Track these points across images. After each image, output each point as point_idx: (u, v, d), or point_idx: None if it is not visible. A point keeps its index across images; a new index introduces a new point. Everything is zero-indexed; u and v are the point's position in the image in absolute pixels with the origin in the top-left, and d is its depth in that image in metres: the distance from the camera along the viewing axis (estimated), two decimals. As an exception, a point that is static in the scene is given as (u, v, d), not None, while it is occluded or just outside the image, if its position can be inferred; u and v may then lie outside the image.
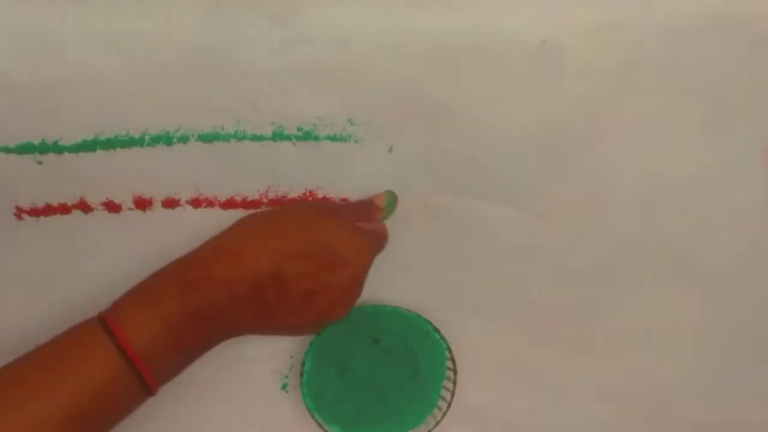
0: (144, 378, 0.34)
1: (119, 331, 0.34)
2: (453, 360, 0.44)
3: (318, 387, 0.43)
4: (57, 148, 0.43)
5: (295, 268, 0.37)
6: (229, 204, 0.45)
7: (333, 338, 0.43)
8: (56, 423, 0.32)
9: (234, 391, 0.46)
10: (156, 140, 0.44)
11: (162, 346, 0.35)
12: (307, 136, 0.44)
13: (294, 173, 0.45)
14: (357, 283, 0.40)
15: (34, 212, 0.44)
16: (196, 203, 0.45)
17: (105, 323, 0.34)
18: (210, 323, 0.37)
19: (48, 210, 0.44)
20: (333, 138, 0.44)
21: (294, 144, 0.44)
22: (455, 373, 0.44)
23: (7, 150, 0.43)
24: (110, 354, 0.34)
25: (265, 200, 0.45)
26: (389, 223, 0.45)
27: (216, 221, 0.44)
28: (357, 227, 0.40)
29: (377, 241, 0.42)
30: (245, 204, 0.45)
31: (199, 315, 0.36)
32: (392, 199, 0.44)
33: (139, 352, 0.34)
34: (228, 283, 0.36)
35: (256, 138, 0.44)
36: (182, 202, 0.45)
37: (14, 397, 0.32)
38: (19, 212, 0.44)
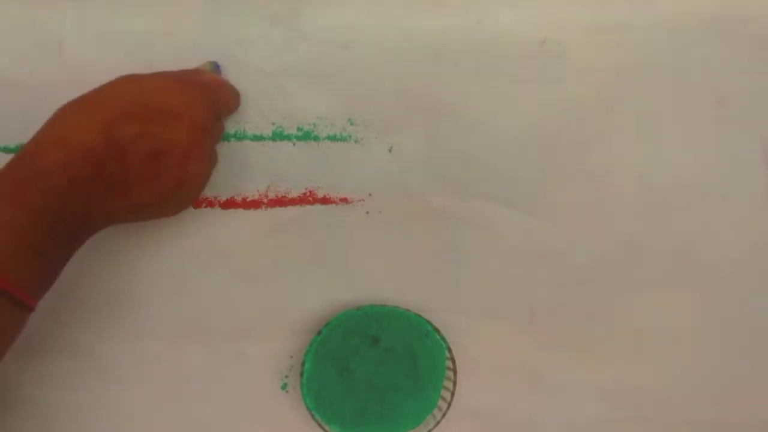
0: (10, 293, 0.32)
1: None
2: (453, 360, 0.44)
3: (318, 387, 0.43)
4: (57, 148, 0.43)
5: (127, 131, 0.34)
6: (229, 204, 0.45)
7: (333, 338, 0.43)
8: None
9: (234, 391, 0.45)
10: (156, 140, 0.44)
11: (15, 252, 0.33)
12: (307, 136, 0.44)
13: (294, 173, 0.45)
14: (199, 134, 0.37)
15: (34, 212, 0.44)
16: (196, 203, 0.45)
17: None
18: (59, 217, 0.34)
19: (48, 210, 0.44)
20: (333, 138, 0.44)
21: (294, 144, 0.44)
22: (455, 373, 0.44)
23: (7, 150, 0.43)
24: None
25: (265, 200, 0.45)
26: (390, 222, 0.45)
27: (216, 221, 0.44)
28: (183, 80, 0.38)
29: (212, 90, 0.40)
30: (245, 204, 0.45)
31: (42, 211, 0.33)
32: (213, 66, 0.43)
33: None
34: (61, 167, 0.34)
35: (256, 138, 0.44)
36: (182, 202, 0.45)
37: None
38: (19, 212, 0.44)
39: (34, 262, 0.34)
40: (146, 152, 0.35)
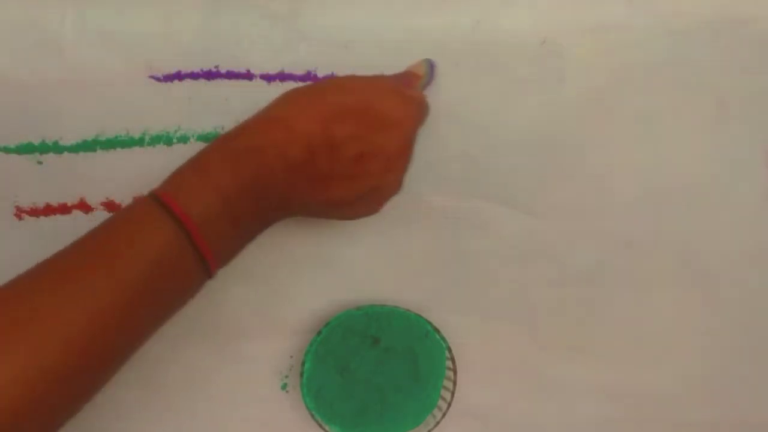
0: (202, 253, 0.34)
1: (175, 204, 0.33)
2: (453, 360, 0.44)
3: (318, 387, 0.43)
4: (57, 148, 0.43)
5: (344, 130, 0.36)
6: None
7: (333, 338, 0.43)
8: (120, 294, 0.32)
9: (234, 391, 0.45)
10: (156, 140, 0.44)
11: (218, 219, 0.34)
12: (307, 136, 0.44)
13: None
14: (407, 146, 0.39)
15: (35, 212, 0.44)
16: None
17: (159, 198, 0.34)
18: (264, 193, 0.36)
19: (48, 210, 0.44)
20: (333, 138, 0.44)
21: (294, 144, 0.44)
22: (455, 373, 0.44)
23: (7, 150, 0.43)
24: (168, 225, 0.33)
25: (265, 200, 0.45)
26: (390, 222, 0.45)
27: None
28: (402, 91, 0.40)
29: (421, 106, 0.41)
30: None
31: (253, 185, 0.35)
32: (429, 67, 0.43)
33: (197, 223, 0.33)
34: (280, 149, 0.35)
35: (256, 138, 0.44)
36: (182, 202, 0.45)
37: (77, 280, 0.32)
38: (19, 212, 0.44)
39: (230, 231, 0.36)
40: (355, 153, 0.36)
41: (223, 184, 0.35)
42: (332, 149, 0.36)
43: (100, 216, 0.44)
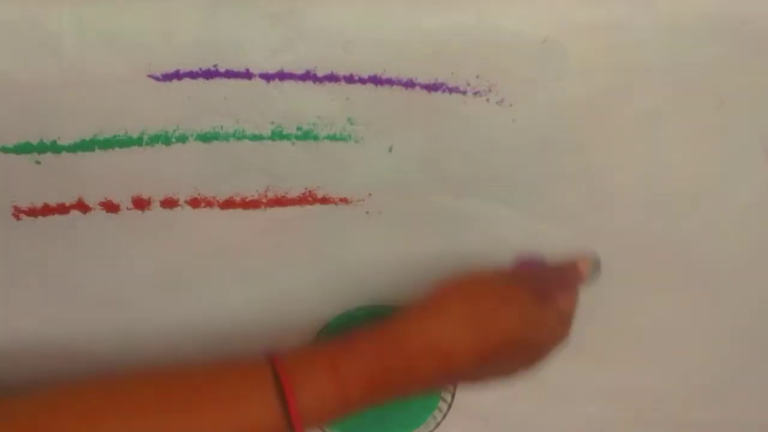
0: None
1: (292, 398, 0.32)
2: (453, 360, 0.44)
3: (318, 387, 0.43)
4: (55, 148, 0.43)
5: (497, 359, 0.36)
6: (228, 204, 0.45)
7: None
8: None
9: (233, 392, 0.45)
10: (154, 140, 0.44)
11: (325, 418, 0.34)
12: (306, 135, 0.44)
13: (293, 173, 0.44)
14: (546, 352, 0.40)
15: (32, 212, 0.44)
16: (194, 203, 0.45)
17: (278, 381, 0.33)
18: (375, 404, 0.35)
19: (46, 210, 0.44)
20: (333, 138, 0.44)
21: (293, 144, 0.44)
22: (455, 373, 0.44)
23: (5, 150, 0.43)
24: (273, 414, 0.32)
25: (264, 200, 0.45)
26: (390, 222, 0.45)
27: (215, 221, 0.44)
28: (564, 317, 0.40)
29: (569, 322, 0.41)
30: (244, 204, 0.45)
31: (381, 398, 0.35)
32: (597, 264, 0.43)
33: (303, 420, 0.32)
34: (428, 381, 0.35)
35: (255, 138, 0.44)
36: (181, 202, 0.45)
37: (164, 421, 0.31)
38: (17, 212, 0.44)
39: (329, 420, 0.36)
40: (500, 369, 0.38)
41: (352, 396, 0.34)
42: (479, 369, 0.36)
43: (98, 216, 0.44)
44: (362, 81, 0.43)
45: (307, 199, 0.45)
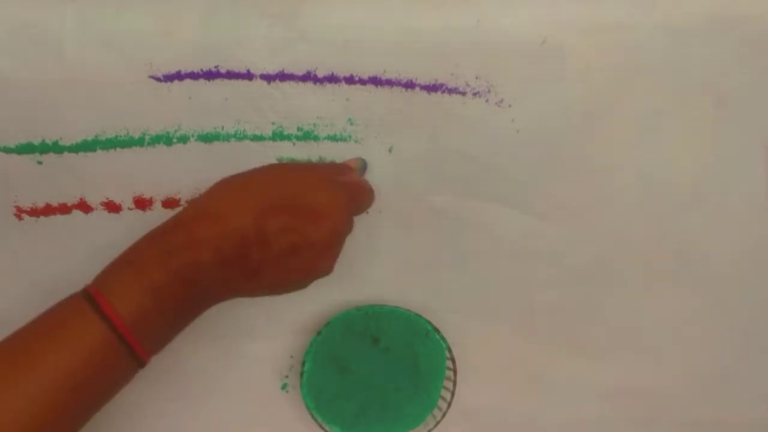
0: (133, 348, 0.34)
1: (105, 302, 0.34)
2: (453, 360, 0.44)
3: (318, 387, 0.43)
4: (57, 148, 0.43)
5: (276, 223, 0.36)
6: (229, 204, 0.45)
7: (333, 338, 0.43)
8: (48, 398, 0.32)
9: (234, 391, 0.46)
10: (156, 140, 0.44)
11: (150, 315, 0.35)
12: (307, 136, 0.44)
13: (294, 173, 0.45)
14: (338, 236, 0.39)
15: (34, 212, 0.44)
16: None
17: (90, 296, 0.34)
18: (197, 288, 0.36)
19: (48, 210, 0.44)
20: (333, 138, 0.44)
21: (294, 144, 0.44)
22: (455, 373, 0.44)
23: (7, 150, 0.43)
24: (97, 326, 0.33)
25: (265, 200, 0.45)
26: (390, 222, 0.45)
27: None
28: (333, 180, 0.40)
29: (356, 192, 0.41)
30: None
31: (186, 280, 0.35)
32: (363, 167, 0.44)
33: (127, 322, 0.34)
34: (213, 244, 0.35)
35: (256, 138, 0.44)
36: (182, 202, 0.45)
37: (5, 376, 0.32)
38: (19, 212, 0.44)
39: (162, 325, 0.36)
40: (287, 246, 0.36)
41: (156, 279, 0.35)
42: (264, 244, 0.36)
43: (100, 216, 0.44)
44: (362, 82, 0.43)
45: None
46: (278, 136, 0.44)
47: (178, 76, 0.43)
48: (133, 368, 0.35)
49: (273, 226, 0.36)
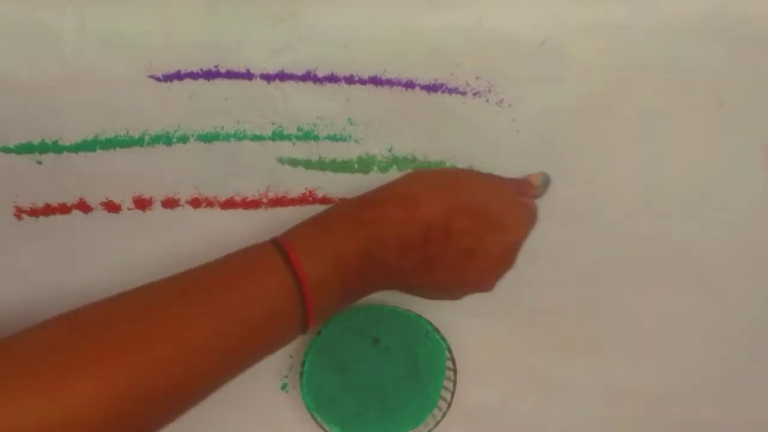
0: (307, 309, 0.34)
1: (296, 258, 0.34)
2: (453, 360, 0.44)
3: (318, 387, 0.43)
4: (56, 148, 0.43)
5: (461, 223, 0.37)
6: (228, 204, 0.45)
7: (333, 338, 0.43)
8: (221, 342, 0.32)
9: (234, 391, 0.45)
10: (155, 140, 0.44)
11: (328, 281, 0.35)
12: (307, 135, 0.44)
13: (294, 173, 0.45)
14: (512, 253, 0.40)
15: (34, 212, 0.44)
16: (195, 203, 0.45)
17: (281, 246, 0.35)
18: (375, 265, 0.37)
19: (48, 210, 0.44)
20: (333, 138, 0.44)
21: (294, 144, 0.44)
22: (455, 373, 0.44)
23: (7, 150, 0.43)
24: (284, 279, 0.34)
25: (264, 200, 0.45)
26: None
27: (216, 221, 0.44)
28: (519, 199, 0.41)
29: (533, 216, 0.43)
30: (245, 204, 0.45)
31: (368, 254, 0.36)
32: (546, 181, 0.45)
33: (310, 282, 0.34)
34: (400, 226, 0.37)
35: (256, 138, 0.44)
36: (182, 202, 0.45)
37: (185, 313, 0.32)
38: (19, 212, 0.44)
39: (335, 294, 0.37)
40: (464, 248, 0.37)
41: (343, 246, 0.36)
42: (446, 239, 0.37)
43: (100, 216, 0.44)
44: (362, 81, 0.43)
45: (307, 199, 0.45)
46: (278, 135, 0.44)
47: (178, 76, 0.43)
48: (297, 329, 0.36)
49: (458, 226, 0.37)
